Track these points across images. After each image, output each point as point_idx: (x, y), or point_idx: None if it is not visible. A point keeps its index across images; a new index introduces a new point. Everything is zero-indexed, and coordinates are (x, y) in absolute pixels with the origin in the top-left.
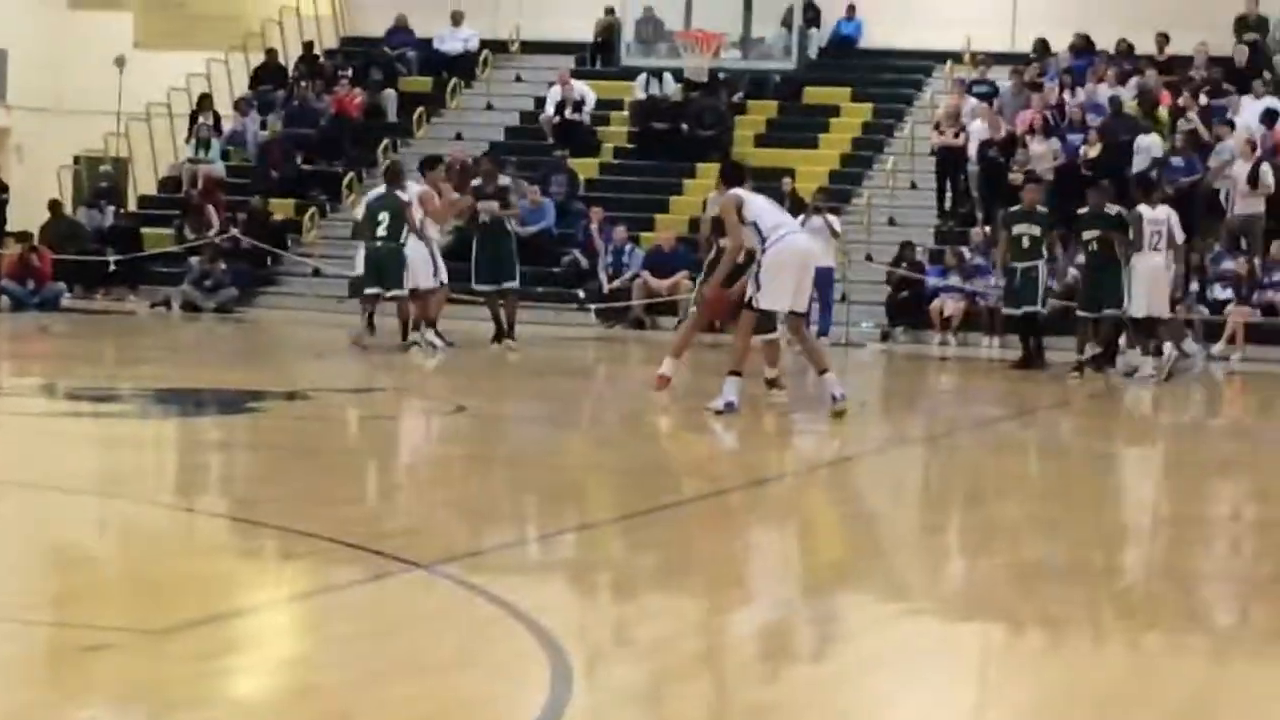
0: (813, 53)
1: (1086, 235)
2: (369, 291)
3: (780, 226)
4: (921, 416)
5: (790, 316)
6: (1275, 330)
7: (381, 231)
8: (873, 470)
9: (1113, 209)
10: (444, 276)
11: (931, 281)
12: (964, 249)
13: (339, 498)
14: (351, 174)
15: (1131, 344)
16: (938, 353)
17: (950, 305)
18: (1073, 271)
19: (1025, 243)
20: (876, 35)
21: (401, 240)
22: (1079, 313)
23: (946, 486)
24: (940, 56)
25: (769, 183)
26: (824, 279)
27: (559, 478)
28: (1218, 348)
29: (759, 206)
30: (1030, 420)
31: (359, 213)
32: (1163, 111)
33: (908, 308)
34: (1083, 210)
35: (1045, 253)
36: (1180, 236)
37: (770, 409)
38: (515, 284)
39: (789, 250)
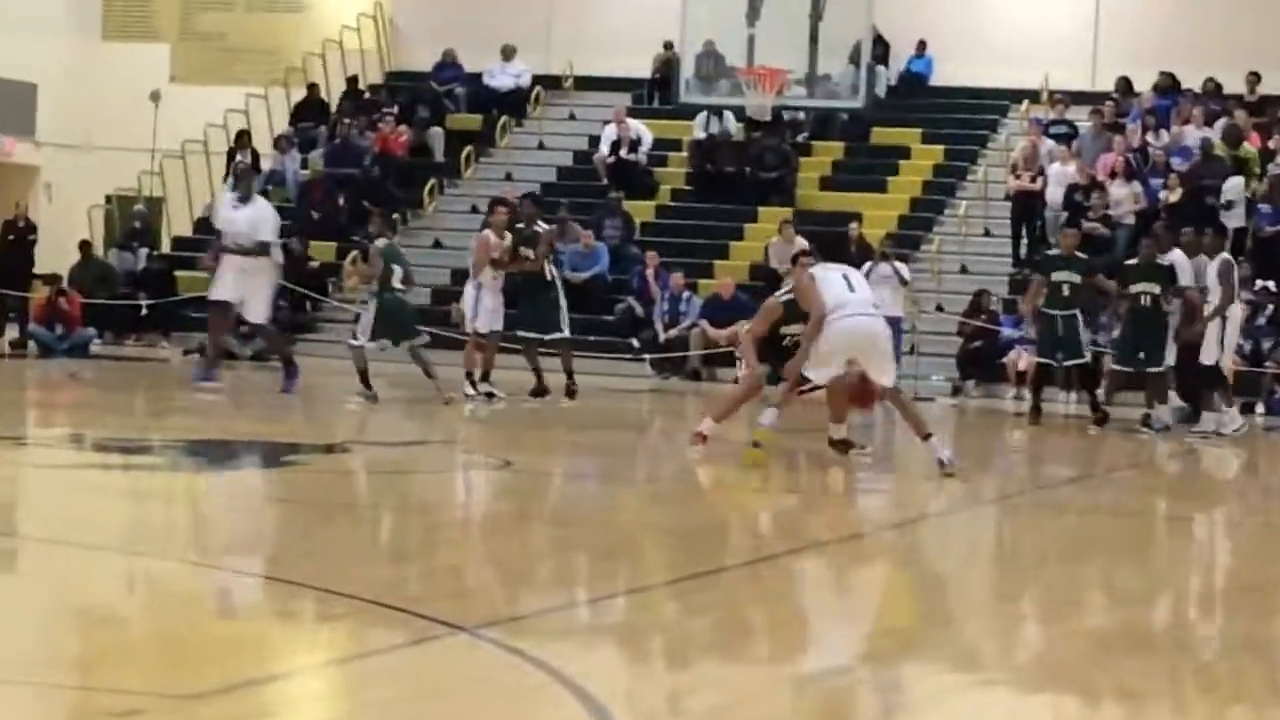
0: (881, 91)
1: (1136, 289)
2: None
3: (842, 307)
4: (994, 475)
5: (883, 390)
6: None
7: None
8: (941, 532)
9: (1166, 259)
10: (481, 326)
11: (1006, 333)
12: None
13: (379, 557)
14: (396, 215)
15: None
16: (1012, 408)
17: (1025, 358)
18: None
19: (1065, 290)
20: (948, 73)
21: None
22: (1114, 366)
23: (1018, 550)
24: (1016, 95)
25: (834, 227)
26: (891, 330)
27: (609, 537)
28: None
29: (825, 283)
30: (1107, 480)
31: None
32: (1251, 154)
33: (980, 360)
34: (1132, 261)
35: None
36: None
37: (837, 466)
38: (562, 334)
39: (838, 332)
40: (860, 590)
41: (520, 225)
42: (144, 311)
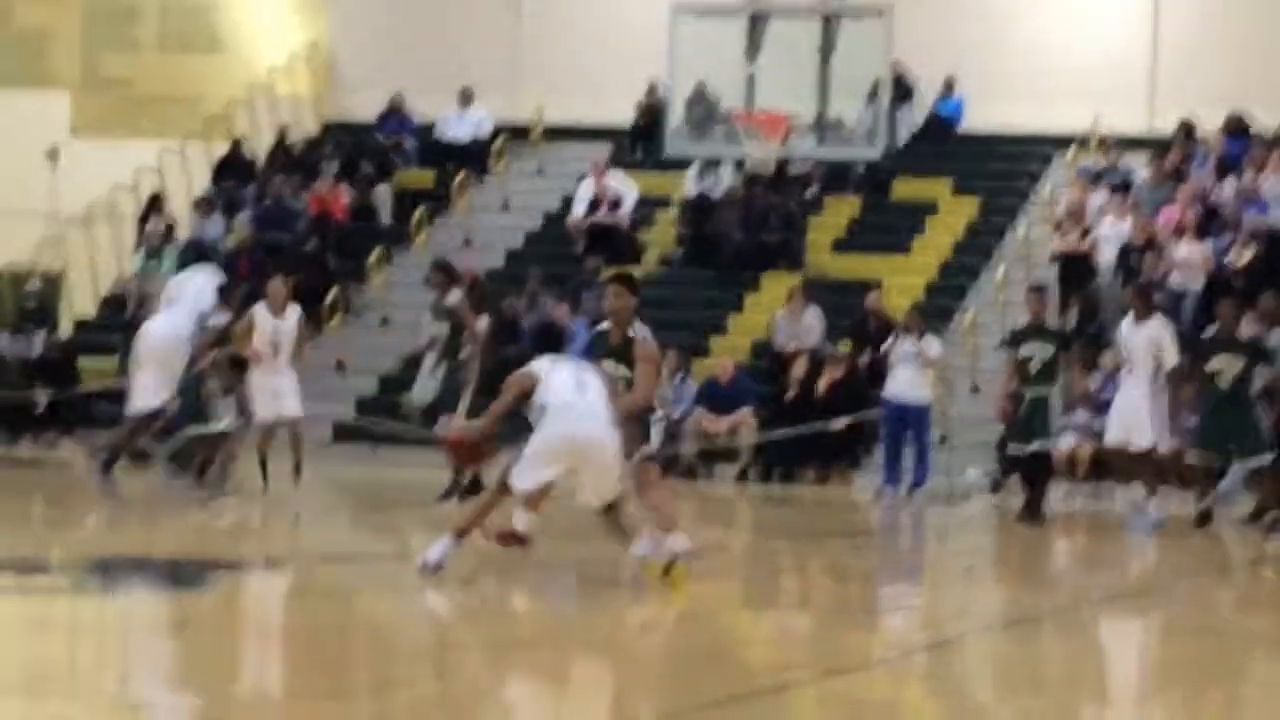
0: (904, 137)
1: (1211, 367)
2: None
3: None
4: (1041, 586)
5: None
6: None
7: None
8: (979, 655)
9: (1244, 334)
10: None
11: (1055, 420)
12: (1093, 376)
13: (320, 692)
14: (336, 289)
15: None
16: (1063, 506)
17: (1078, 447)
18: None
19: (1035, 365)
20: (981, 116)
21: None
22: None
23: (1069, 675)
24: (1061, 141)
25: (849, 297)
26: (917, 418)
27: (588, 665)
28: None
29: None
30: (1173, 591)
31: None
32: None
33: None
34: (1209, 334)
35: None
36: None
37: (852, 578)
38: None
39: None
40: None
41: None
42: (41, 407)
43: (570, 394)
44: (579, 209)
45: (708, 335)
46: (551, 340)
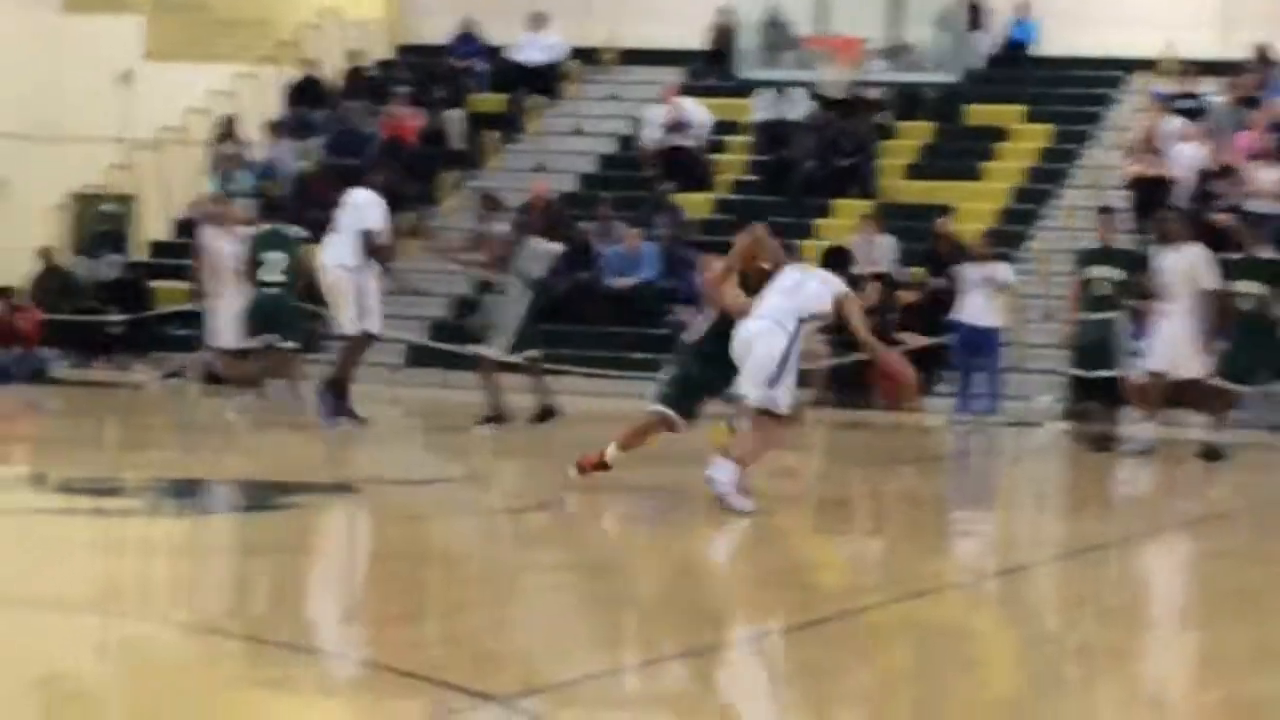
0: (977, 62)
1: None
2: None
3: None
4: (1114, 515)
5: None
6: None
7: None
8: (1052, 582)
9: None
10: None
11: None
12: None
13: (392, 616)
14: (413, 214)
15: None
16: (1134, 432)
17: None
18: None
19: (1102, 288)
20: (1055, 40)
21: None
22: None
23: (1141, 603)
24: (1134, 65)
25: (921, 222)
26: (989, 344)
27: (663, 590)
28: None
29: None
30: (1247, 519)
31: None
32: None
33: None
34: (1239, 256)
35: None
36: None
37: (924, 504)
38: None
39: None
40: (959, 652)
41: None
42: (116, 329)
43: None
44: (651, 133)
45: None
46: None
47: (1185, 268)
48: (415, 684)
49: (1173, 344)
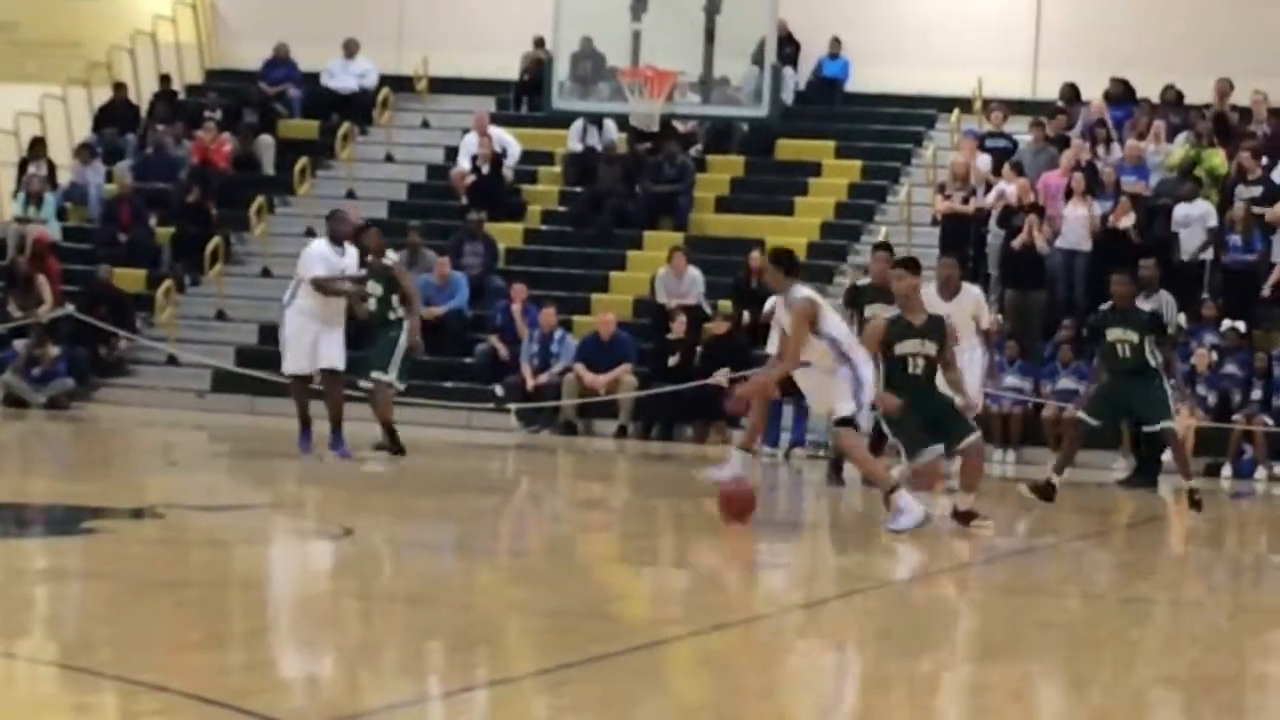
0: (789, 97)
1: (1112, 336)
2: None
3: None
4: (918, 548)
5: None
6: None
7: None
8: (853, 613)
9: (1146, 304)
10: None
11: None
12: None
13: (194, 642)
14: (218, 239)
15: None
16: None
17: None
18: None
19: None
20: (867, 77)
21: None
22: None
23: (944, 636)
24: (945, 104)
25: (730, 256)
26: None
27: (467, 619)
28: None
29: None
30: (1055, 553)
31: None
32: (1219, 170)
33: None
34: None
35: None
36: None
37: (729, 536)
38: (385, 377)
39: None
40: (763, 680)
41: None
42: None
43: None
44: (463, 162)
45: (590, 292)
46: None
47: (963, 312)
48: (216, 712)
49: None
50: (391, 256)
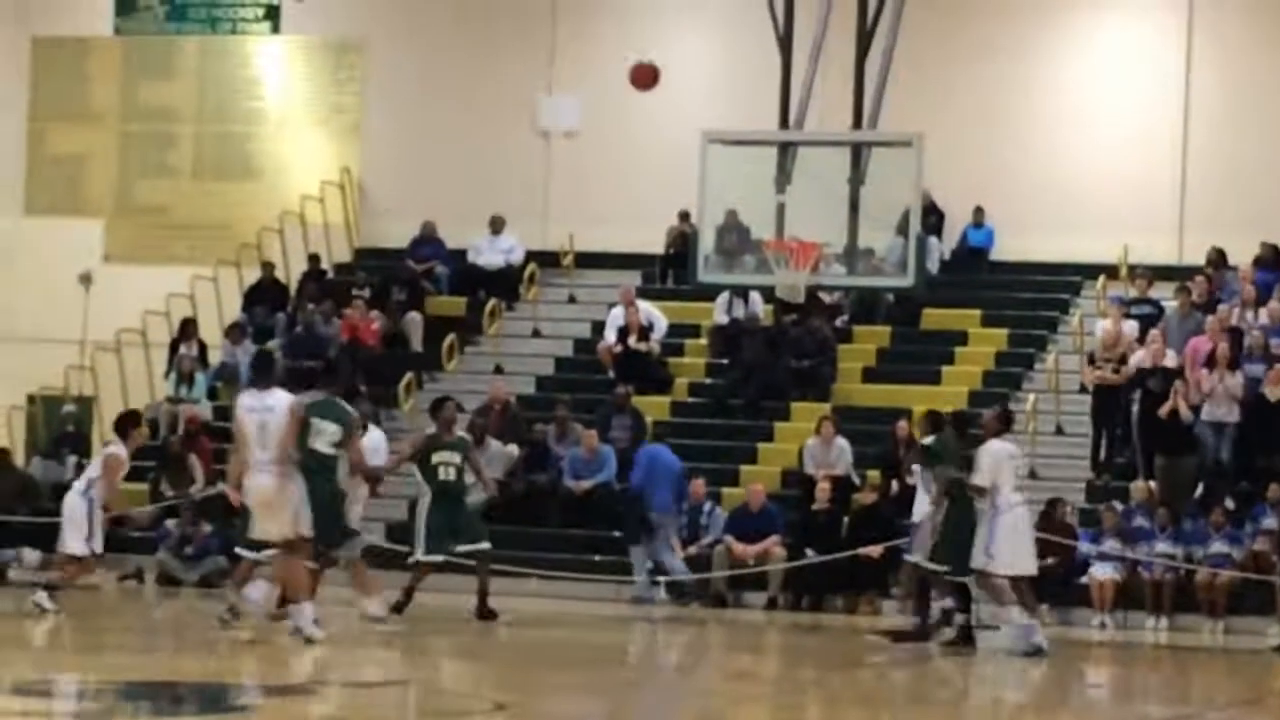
0: (934, 267)
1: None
2: None
3: None
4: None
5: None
6: None
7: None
8: None
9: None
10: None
11: (1084, 548)
12: (1119, 506)
13: None
14: (367, 416)
15: None
16: (1096, 636)
17: (1106, 577)
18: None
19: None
20: (1011, 245)
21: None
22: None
23: None
24: (1091, 270)
25: (878, 425)
26: None
27: None
28: None
29: None
30: None
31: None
32: None
33: (1055, 580)
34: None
35: None
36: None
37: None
38: (486, 545)
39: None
40: None
41: (432, 431)
42: None
43: None
44: (610, 336)
45: (738, 463)
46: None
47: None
48: None
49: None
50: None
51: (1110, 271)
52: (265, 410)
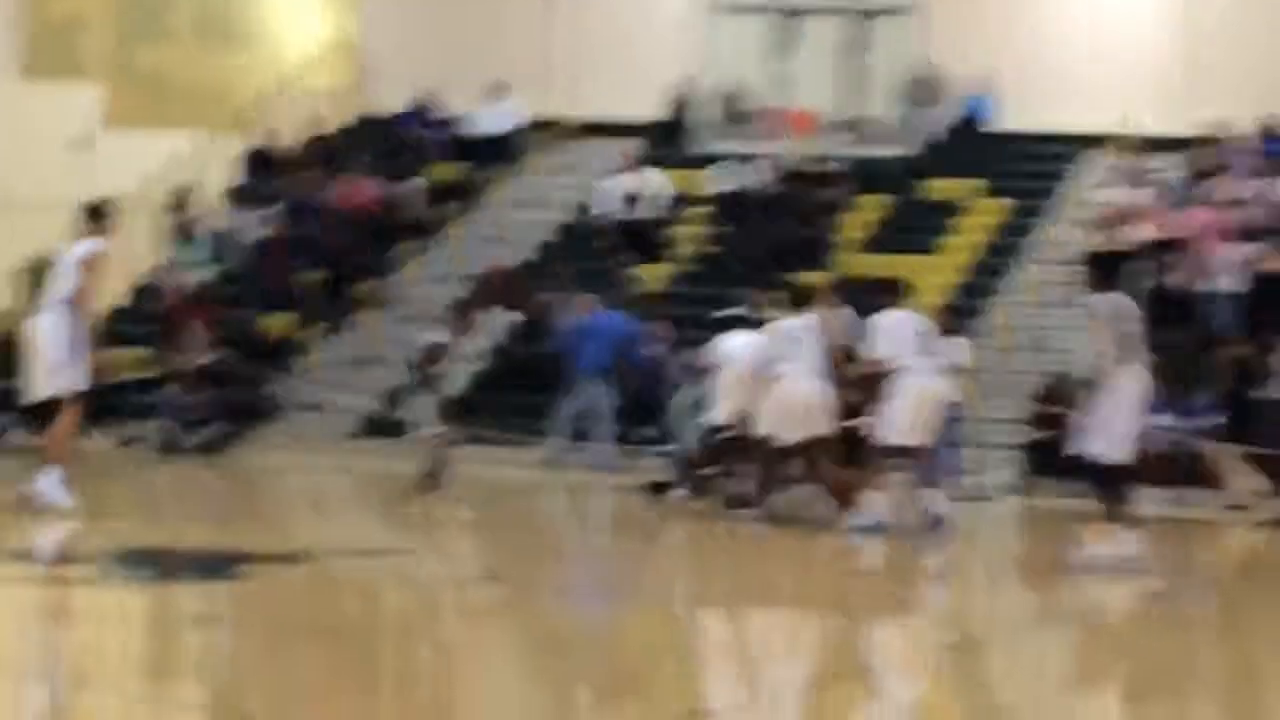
0: (935, 136)
1: None
2: None
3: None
4: (1064, 587)
5: None
6: None
7: None
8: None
9: None
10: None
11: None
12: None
13: (345, 688)
14: (366, 283)
15: None
16: (1085, 508)
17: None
18: None
19: None
20: (1014, 115)
21: None
22: None
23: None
24: (1092, 141)
25: (877, 298)
26: (946, 418)
27: (621, 665)
28: None
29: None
30: (1197, 589)
31: None
32: None
33: (1054, 455)
34: None
35: None
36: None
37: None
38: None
39: None
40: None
41: None
42: None
43: None
44: (609, 204)
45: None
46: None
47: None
48: None
49: None
50: None
51: (1112, 141)
52: None
